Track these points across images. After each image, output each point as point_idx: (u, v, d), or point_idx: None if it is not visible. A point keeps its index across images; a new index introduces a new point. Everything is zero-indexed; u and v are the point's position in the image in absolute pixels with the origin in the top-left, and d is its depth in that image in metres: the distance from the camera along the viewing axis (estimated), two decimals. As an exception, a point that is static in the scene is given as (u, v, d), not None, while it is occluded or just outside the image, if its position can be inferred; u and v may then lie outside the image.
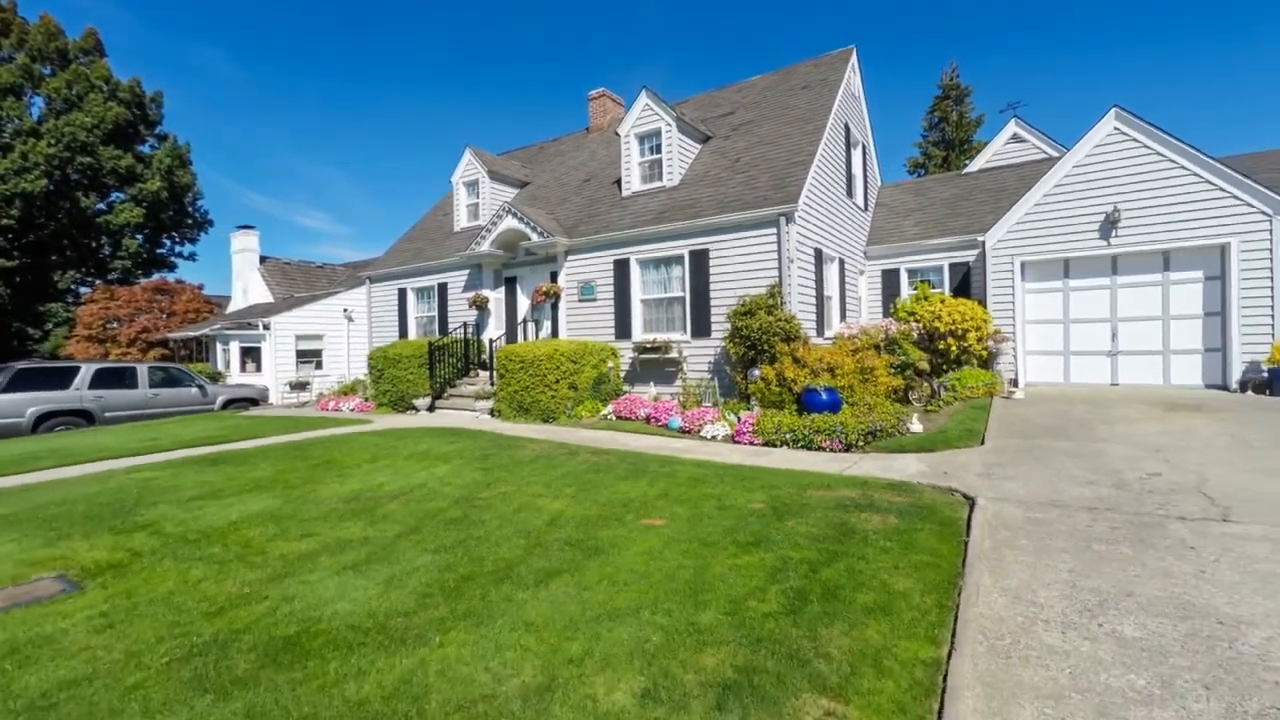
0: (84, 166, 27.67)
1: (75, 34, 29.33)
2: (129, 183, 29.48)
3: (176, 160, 31.20)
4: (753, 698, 2.01)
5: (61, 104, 27.28)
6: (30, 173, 25.51)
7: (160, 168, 30.19)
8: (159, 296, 25.99)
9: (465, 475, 5.54)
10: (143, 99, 30.83)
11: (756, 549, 3.37)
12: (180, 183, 31.55)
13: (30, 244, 27.72)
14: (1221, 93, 59.32)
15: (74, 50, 28.99)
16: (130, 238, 29.92)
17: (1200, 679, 2.02)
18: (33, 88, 27.54)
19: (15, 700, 2.17)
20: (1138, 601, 2.59)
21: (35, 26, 27.97)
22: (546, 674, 2.21)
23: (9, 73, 26.28)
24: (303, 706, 2.06)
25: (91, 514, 4.59)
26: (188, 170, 32.25)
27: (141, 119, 30.91)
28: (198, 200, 33.61)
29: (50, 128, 26.43)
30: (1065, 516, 3.73)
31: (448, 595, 2.94)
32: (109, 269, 30.00)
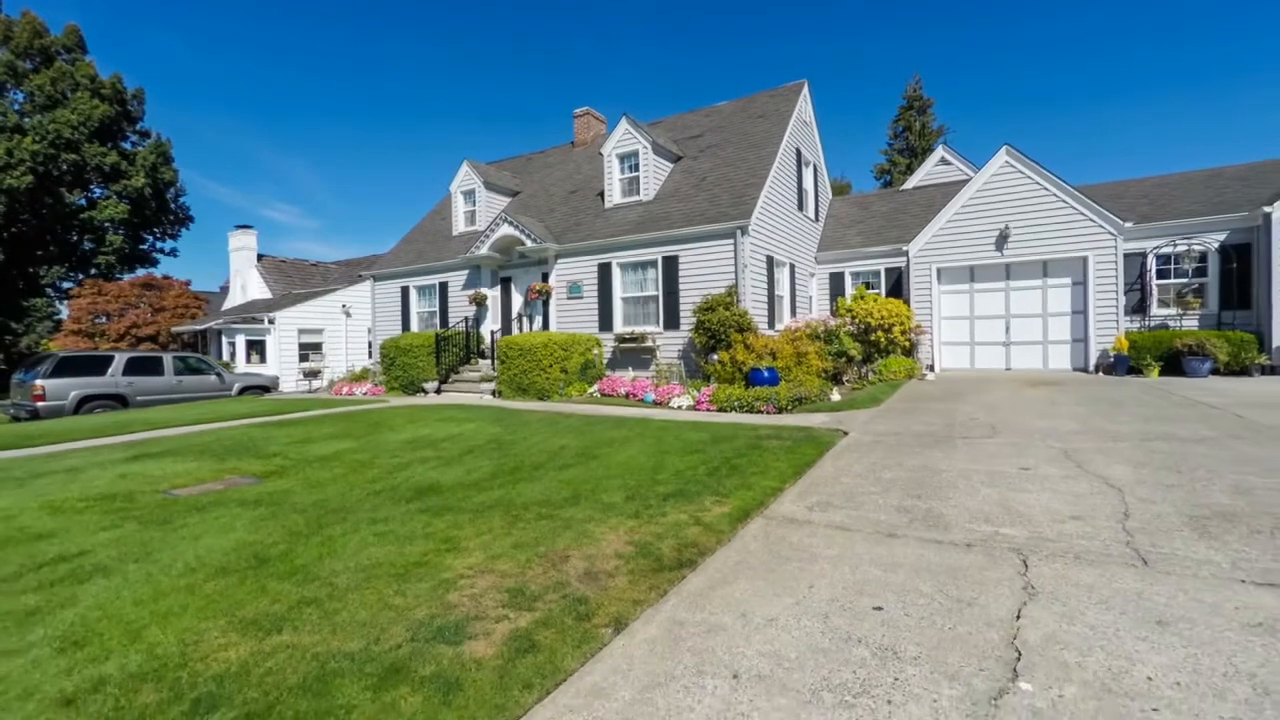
0: (69, 163, 28.55)
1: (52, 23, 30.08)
2: (113, 179, 30.39)
3: (160, 157, 32.17)
4: (682, 499, 4.10)
5: (45, 100, 28.13)
6: (15, 169, 26.38)
7: (144, 164, 31.15)
8: (147, 291, 27.15)
9: (489, 429, 7.54)
10: (124, 96, 31.70)
11: (696, 455, 5.47)
12: (163, 179, 32.52)
13: (12, 239, 28.50)
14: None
15: (57, 47, 29.80)
16: (114, 233, 30.83)
17: (917, 491, 4.18)
18: (15, 84, 28.32)
19: (298, 510, 4.14)
20: (904, 468, 4.76)
21: (19, 23, 28.74)
22: (573, 493, 4.27)
23: (-6, 70, 27.07)
24: (448, 506, 4.08)
25: (231, 449, 6.49)
26: (170, 166, 33.21)
27: (124, 115, 31.78)
28: (180, 196, 34.56)
29: (36, 124, 27.31)
30: (898, 439, 5.92)
31: (505, 474, 4.97)
32: (92, 264, 30.86)
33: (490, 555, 3.14)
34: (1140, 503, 3.60)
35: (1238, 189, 11.60)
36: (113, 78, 30.89)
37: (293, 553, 3.26)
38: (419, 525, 3.68)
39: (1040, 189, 11.52)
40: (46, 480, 5.29)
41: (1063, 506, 3.61)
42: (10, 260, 28.14)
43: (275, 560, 3.16)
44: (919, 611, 2.38)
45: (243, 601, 2.68)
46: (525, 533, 3.48)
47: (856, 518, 3.59)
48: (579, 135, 18.12)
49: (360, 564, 3.07)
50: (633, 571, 2.88)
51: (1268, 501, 3.53)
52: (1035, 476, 4.29)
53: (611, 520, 3.66)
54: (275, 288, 22.46)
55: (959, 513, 3.59)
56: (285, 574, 2.97)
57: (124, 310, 26.40)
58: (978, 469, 4.59)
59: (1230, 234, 10.75)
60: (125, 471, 5.51)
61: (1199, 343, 9.84)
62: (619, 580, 2.79)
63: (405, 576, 2.90)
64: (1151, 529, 3.17)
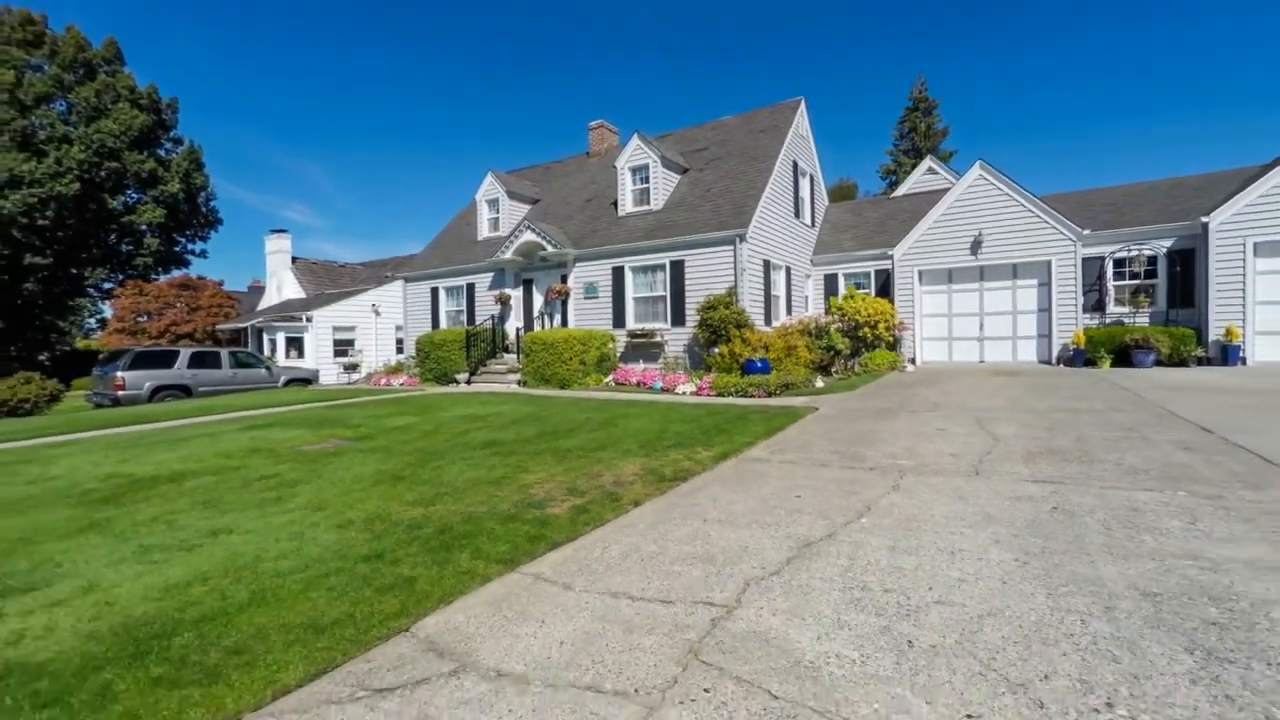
0: (110, 170, 30.63)
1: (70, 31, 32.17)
2: (150, 185, 32.45)
3: (193, 163, 34.23)
4: (679, 448, 5.67)
5: (90, 112, 30.22)
6: (64, 177, 28.46)
7: (179, 170, 33.21)
8: (184, 292, 29.19)
9: (524, 408, 9.16)
10: (160, 105, 33.77)
11: (693, 423, 7.06)
12: (195, 184, 34.58)
13: (61, 243, 30.64)
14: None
15: (97, 59, 31.89)
16: (151, 236, 32.92)
17: (852, 443, 5.73)
18: (61, 95, 30.43)
19: (404, 454, 5.77)
20: (851, 431, 6.30)
21: (64, 38, 30.84)
22: (600, 444, 5.87)
23: (43, 83, 29.19)
24: (511, 451, 5.69)
25: (320, 423, 8.17)
26: (201, 172, 35.27)
27: (160, 124, 33.85)
28: (210, 200, 36.63)
29: (81, 134, 29.39)
30: (857, 413, 7.46)
31: (547, 435, 6.58)
32: (131, 266, 32.97)
33: (549, 474, 4.75)
34: (1003, 446, 5.14)
35: (1192, 198, 12.95)
36: (149, 88, 32.97)
37: (417, 474, 4.89)
38: (495, 461, 5.30)
39: (1010, 200, 12.96)
40: (194, 443, 6.99)
41: (949, 449, 5.15)
42: (58, 262, 30.26)
43: (408, 478, 4.79)
44: (821, 496, 3.96)
45: (401, 494, 4.31)
46: (570, 464, 5.09)
47: (803, 457, 5.16)
48: (594, 146, 19.73)
49: (465, 479, 4.69)
50: (644, 482, 4.48)
51: (1090, 445, 5.05)
52: (945, 434, 5.83)
53: (629, 458, 5.25)
54: (308, 288, 24.30)
55: (875, 453, 5.14)
56: (419, 482, 4.60)
57: (163, 309, 28.45)
58: (906, 430, 6.14)
59: (1177, 240, 12.11)
60: (253, 436, 7.20)
61: (1144, 338, 11.24)
62: (635, 486, 4.39)
63: (498, 484, 4.52)
64: (997, 459, 4.71)
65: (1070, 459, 4.62)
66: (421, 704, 1.87)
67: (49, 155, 28.14)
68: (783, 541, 3.14)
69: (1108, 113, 73.25)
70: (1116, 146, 71.30)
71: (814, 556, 2.92)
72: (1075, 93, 71.95)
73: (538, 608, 2.51)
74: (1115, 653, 1.98)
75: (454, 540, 3.31)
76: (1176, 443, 4.98)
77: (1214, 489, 3.69)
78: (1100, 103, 72.00)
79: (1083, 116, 74.62)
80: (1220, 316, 11.15)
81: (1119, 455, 4.65)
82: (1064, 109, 74.50)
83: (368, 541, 3.34)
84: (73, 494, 4.65)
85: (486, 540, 3.29)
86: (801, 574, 2.72)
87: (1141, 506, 3.43)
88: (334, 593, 2.68)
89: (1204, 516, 3.21)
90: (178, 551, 3.28)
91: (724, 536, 3.26)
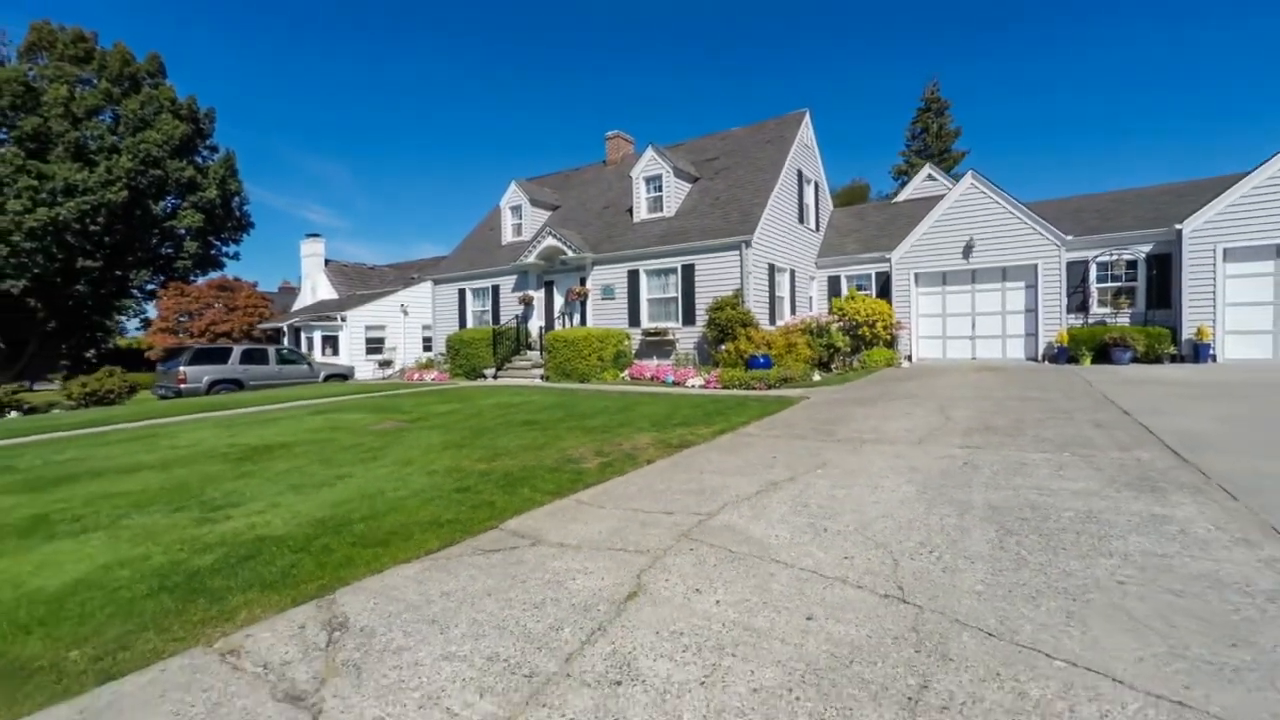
0: (154, 178, 32.61)
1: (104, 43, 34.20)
2: (190, 191, 34.39)
3: (228, 170, 36.16)
4: (685, 426, 6.88)
5: (137, 123, 32.20)
6: (113, 185, 30.44)
7: (215, 177, 35.13)
8: (222, 293, 31.02)
9: (550, 398, 10.44)
10: (198, 115, 35.74)
11: (698, 409, 8.26)
12: (230, 189, 36.50)
13: (107, 247, 32.70)
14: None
15: (141, 73, 33.91)
16: (190, 240, 34.90)
17: (830, 423, 6.91)
18: (109, 107, 32.46)
19: (460, 430, 7.07)
20: (832, 414, 7.45)
21: (110, 53, 32.88)
22: (619, 423, 7.11)
23: (93, 96, 31.22)
24: (546, 427, 6.96)
25: (377, 408, 9.52)
26: (236, 178, 37.19)
27: (198, 133, 35.82)
28: (244, 205, 38.58)
29: (128, 145, 31.37)
30: (841, 401, 8.60)
31: (574, 417, 7.83)
32: (172, 268, 34.98)
33: (579, 443, 6.00)
34: (951, 424, 6.28)
35: (1176, 205, 13.81)
36: (189, 99, 34.94)
37: (475, 443, 6.17)
38: (534, 434, 6.57)
39: (999, 207, 13.94)
40: (281, 424, 8.36)
41: (907, 426, 6.30)
42: (106, 265, 32.31)
43: (468, 445, 6.07)
44: (792, 457, 5.15)
45: (466, 455, 5.59)
46: (595, 436, 6.33)
47: (785, 433, 6.34)
48: (610, 155, 20.99)
49: (513, 446, 5.96)
50: (655, 448, 5.70)
51: (1022, 424, 6.16)
52: (909, 416, 6.97)
53: (643, 433, 6.48)
54: (340, 289, 25.90)
55: (845, 430, 6.31)
56: (478, 448, 5.88)
57: (203, 310, 30.31)
58: (878, 414, 7.29)
59: (1155, 245, 13.00)
60: (326, 418, 8.56)
61: (1122, 336, 12.18)
62: (648, 450, 5.61)
63: (540, 449, 5.77)
64: (941, 433, 5.85)
65: (1000, 433, 5.75)
66: (514, 558, 3.11)
67: (99, 165, 30.13)
68: (755, 483, 4.34)
69: (1123, 116, 72.79)
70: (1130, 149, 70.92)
71: (775, 490, 4.12)
72: (1090, 96, 71.69)
73: (580, 515, 3.74)
74: (950, 533, 3.16)
75: (515, 481, 4.57)
76: (1093, 421, 6.08)
77: (1093, 451, 4.82)
78: (1116, 106, 71.68)
79: (1099, 120, 74.27)
80: (1193, 317, 12.05)
81: (1040, 430, 5.77)
82: (1080, 112, 74.24)
83: (453, 481, 4.62)
84: (214, 455, 6.01)
85: (539, 481, 4.54)
86: (764, 500, 3.93)
87: (1029, 462, 4.58)
88: (442, 507, 3.95)
89: (1069, 467, 4.36)
90: (320, 487, 4.59)
91: (713, 480, 4.47)
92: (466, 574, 2.88)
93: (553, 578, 2.78)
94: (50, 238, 28.58)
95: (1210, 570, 2.57)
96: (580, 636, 2.23)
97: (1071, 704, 1.73)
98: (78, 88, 31.08)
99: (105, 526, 3.79)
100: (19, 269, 28.49)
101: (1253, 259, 11.67)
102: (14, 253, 28.04)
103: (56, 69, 30.27)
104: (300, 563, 3.06)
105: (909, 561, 2.81)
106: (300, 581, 2.83)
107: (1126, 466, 4.32)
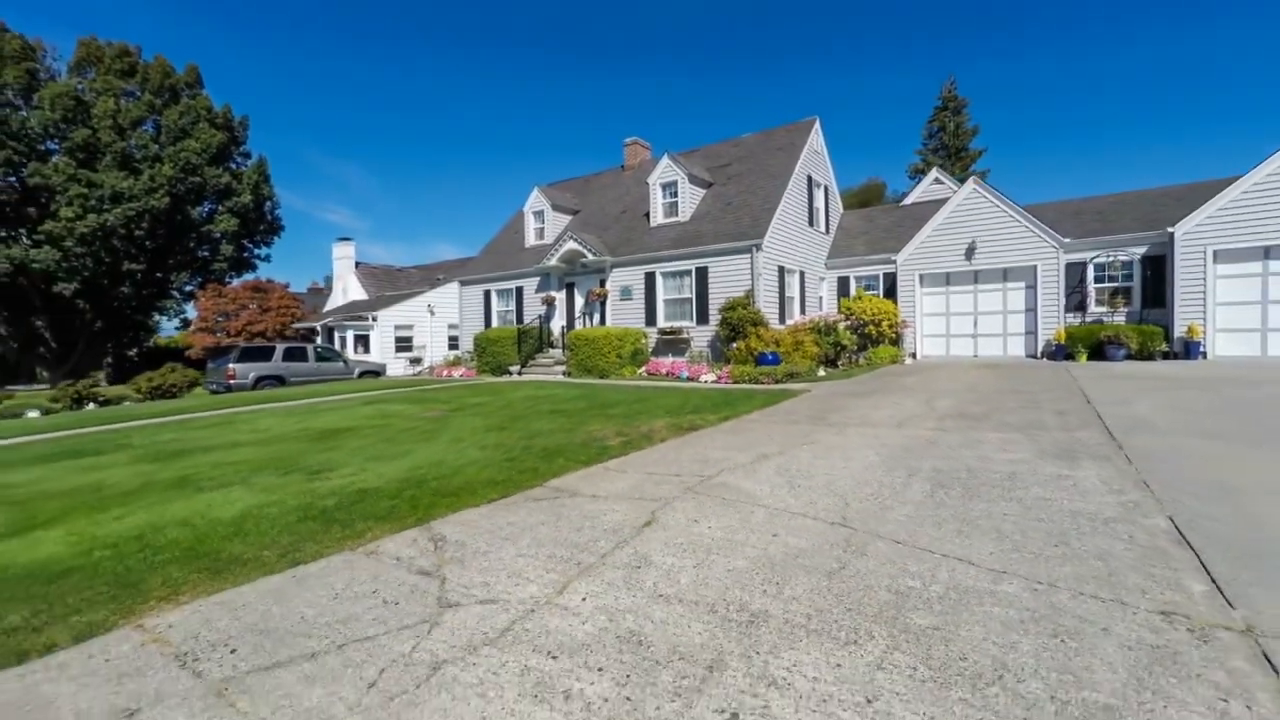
0: (193, 184, 34.40)
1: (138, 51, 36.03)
2: (226, 196, 36.15)
3: (261, 175, 37.87)
4: (696, 414, 7.83)
5: (176, 132, 34.00)
6: (157, 192, 32.23)
7: (249, 182, 36.84)
8: (256, 294, 32.68)
9: (574, 391, 11.44)
10: (233, 123, 37.50)
11: (707, 399, 9.20)
12: (263, 194, 38.23)
13: (149, 251, 34.58)
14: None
15: (180, 84, 35.73)
16: (226, 243, 36.68)
17: (824, 412, 7.81)
18: (153, 118, 34.31)
19: (498, 415, 8.11)
20: (828, 404, 8.34)
21: (152, 66, 34.73)
22: (637, 412, 8.08)
23: (137, 108, 33.07)
24: (573, 415, 7.96)
25: (419, 400, 10.63)
26: (268, 183, 38.92)
27: (232, 140, 37.55)
28: (275, 209, 40.33)
29: (170, 153, 33.16)
30: (842, 394, 9.47)
31: (596, 407, 8.83)
32: (209, 271, 36.80)
33: (603, 426, 6.99)
34: (931, 411, 7.14)
35: (1175, 207, 14.36)
36: (224, 109, 36.68)
37: (513, 426, 7.20)
38: (563, 420, 7.57)
39: (1000, 211, 14.63)
40: (338, 412, 9.49)
41: (891, 413, 7.17)
42: (149, 267, 34.17)
43: (508, 428, 7.10)
44: (785, 437, 6.07)
45: (508, 435, 6.61)
46: (616, 422, 7.31)
47: (784, 419, 7.26)
48: (628, 161, 21.97)
49: (546, 428, 6.97)
50: (669, 430, 6.66)
51: (993, 411, 7.00)
52: (897, 405, 7.83)
53: (658, 418, 7.45)
54: (369, 289, 27.28)
55: (837, 417, 7.20)
56: (516, 430, 6.90)
57: (238, 310, 31.99)
58: (870, 404, 8.16)
59: (1150, 247, 13.59)
60: (376, 408, 9.67)
61: (1116, 334, 12.82)
62: (663, 432, 6.58)
63: (569, 430, 6.77)
64: (919, 418, 6.72)
65: (971, 418, 6.61)
66: (558, 503, 4.10)
67: (144, 173, 31.94)
68: (750, 455, 5.28)
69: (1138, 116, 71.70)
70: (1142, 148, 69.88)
71: (765, 460, 5.06)
72: (1106, 97, 70.79)
73: (607, 477, 4.72)
74: (896, 487, 4.08)
75: (552, 454, 5.57)
76: (1056, 410, 6.90)
77: (1042, 431, 5.68)
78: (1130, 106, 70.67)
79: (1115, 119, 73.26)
80: (1185, 316, 12.64)
81: (1005, 417, 6.62)
82: (1096, 112, 73.31)
83: (501, 454, 5.64)
84: (293, 437, 7.13)
85: (571, 454, 5.54)
86: (755, 466, 4.87)
87: (984, 440, 5.45)
88: (495, 471, 4.96)
89: (1014, 443, 5.23)
90: (393, 459, 5.64)
91: (715, 454, 5.43)
92: (523, 512, 3.88)
93: (588, 514, 3.77)
94: (99, 243, 30.43)
95: (1078, 508, 3.47)
96: (611, 545, 3.21)
97: (934, 571, 2.66)
98: (122, 100, 32.94)
99: (238, 483, 4.87)
100: (70, 272, 30.40)
101: (1242, 260, 12.24)
102: (66, 257, 29.96)
103: (105, 83, 32.11)
104: (397, 505, 4.09)
105: (857, 504, 3.74)
106: (402, 516, 3.85)
107: (1061, 443, 5.18)
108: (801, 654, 2.05)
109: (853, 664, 1.98)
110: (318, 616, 2.49)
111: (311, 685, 1.99)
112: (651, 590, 2.62)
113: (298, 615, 2.51)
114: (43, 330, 34.42)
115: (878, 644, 2.10)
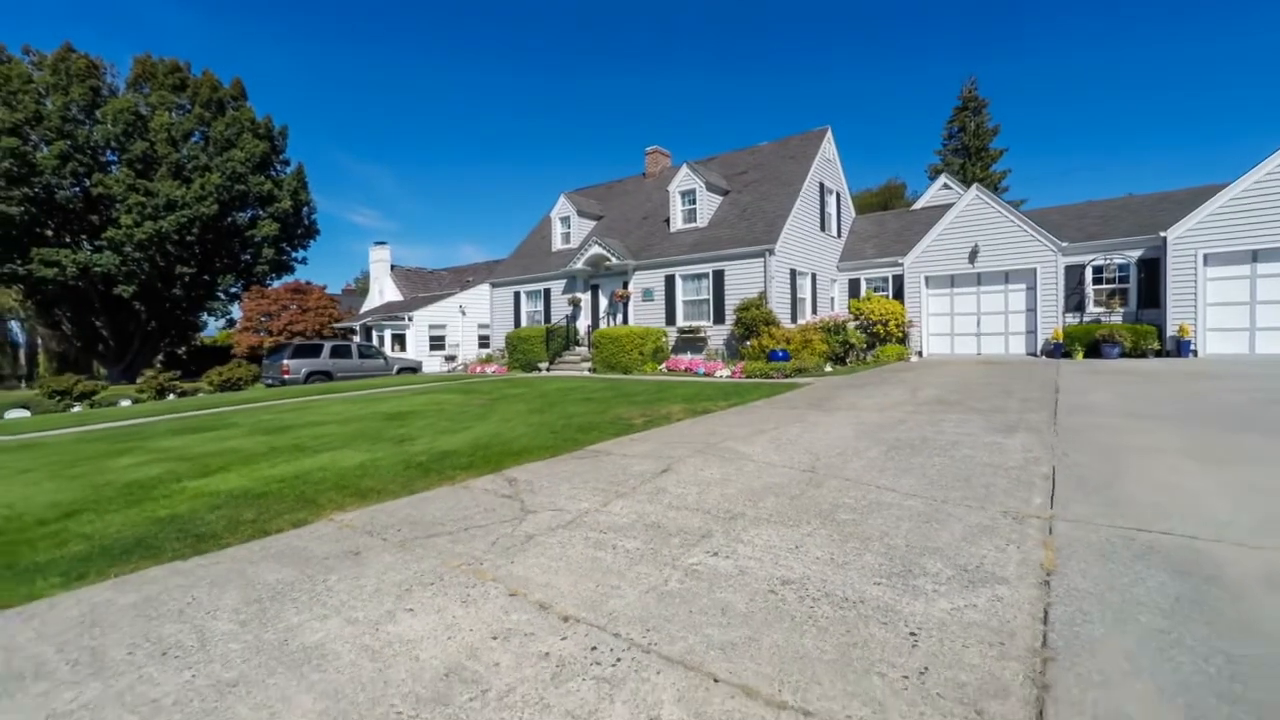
0: (238, 192, 36.61)
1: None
2: (267, 203, 38.31)
3: (299, 182, 40.00)
4: (708, 401, 9.02)
5: (223, 143, 36.23)
6: (206, 200, 34.44)
7: (288, 189, 38.97)
8: (296, 296, 34.68)
9: (600, 384, 12.70)
10: (274, 133, 39.66)
11: (720, 390, 10.37)
12: (301, 200, 40.37)
13: (198, 255, 36.90)
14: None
15: (226, 97, 38.01)
16: (267, 247, 38.87)
17: (821, 400, 8.94)
18: (202, 130, 36.62)
19: (535, 400, 9.41)
20: (826, 394, 9.45)
21: (200, 80, 37.04)
22: (658, 400, 9.30)
23: (188, 120, 35.36)
24: (601, 401, 9.21)
25: (461, 390, 11.99)
26: (306, 189, 41.07)
27: (273, 149, 39.76)
28: (312, 214, 42.49)
29: (217, 163, 35.39)
30: (842, 386, 10.55)
31: (622, 396, 10.06)
32: (252, 273, 39.04)
33: (628, 410, 8.21)
34: (912, 399, 8.22)
35: (1173, 211, 15.05)
36: (265, 119, 38.86)
37: (551, 409, 8.48)
38: (593, 405, 8.82)
39: (1001, 217, 15.49)
40: (393, 400, 10.88)
41: (878, 401, 8.26)
42: (198, 270, 36.46)
43: (546, 411, 8.37)
44: (782, 418, 7.23)
45: (547, 416, 7.88)
46: (640, 407, 8.53)
47: (784, 405, 8.40)
48: (649, 168, 23.21)
49: (579, 411, 8.22)
50: (683, 413, 7.86)
51: (967, 400, 8.05)
52: (886, 395, 8.91)
53: (675, 405, 8.65)
54: (404, 290, 28.96)
55: (832, 404, 8.32)
56: (554, 413, 8.17)
57: (279, 311, 34.02)
58: (863, 395, 9.25)
59: (1146, 250, 14.33)
60: (428, 398, 11.05)
61: (1111, 333, 13.63)
62: (678, 415, 7.78)
63: (599, 413, 8.02)
64: (901, 404, 7.81)
65: (945, 404, 7.68)
66: (596, 460, 5.33)
67: (194, 182, 34.18)
68: (750, 430, 6.46)
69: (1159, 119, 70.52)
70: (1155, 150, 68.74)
71: (762, 433, 6.24)
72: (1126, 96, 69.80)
73: (633, 444, 5.95)
74: (859, 449, 5.22)
75: (587, 429, 6.81)
76: (1023, 397, 7.93)
77: (999, 414, 6.74)
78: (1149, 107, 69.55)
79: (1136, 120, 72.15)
80: (1177, 316, 13.39)
81: (975, 403, 7.67)
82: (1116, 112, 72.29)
83: (545, 429, 6.90)
84: (367, 417, 8.50)
85: (603, 429, 6.78)
86: (753, 437, 6.05)
87: (946, 419, 6.54)
88: (544, 439, 6.23)
89: (970, 422, 6.32)
90: (458, 432, 6.95)
91: (721, 429, 6.61)
92: (571, 464, 5.13)
93: (620, 465, 5.00)
94: (155, 248, 32.70)
95: (992, 461, 4.59)
96: (638, 482, 4.43)
97: (866, 495, 3.83)
98: (173, 113, 35.26)
99: (341, 449, 6.21)
100: (129, 276, 32.73)
101: (1231, 263, 12.96)
102: (125, 261, 32.26)
103: (159, 98, 34.44)
104: (474, 459, 5.38)
105: (825, 460, 4.90)
106: (479, 466, 5.13)
107: (1010, 422, 6.25)
108: (762, 531, 3.25)
109: (792, 534, 3.17)
110: (445, 515, 3.77)
111: (456, 543, 3.25)
112: (667, 504, 3.84)
113: (431, 516, 3.78)
114: (102, 329, 36.93)
115: (811, 526, 3.29)
